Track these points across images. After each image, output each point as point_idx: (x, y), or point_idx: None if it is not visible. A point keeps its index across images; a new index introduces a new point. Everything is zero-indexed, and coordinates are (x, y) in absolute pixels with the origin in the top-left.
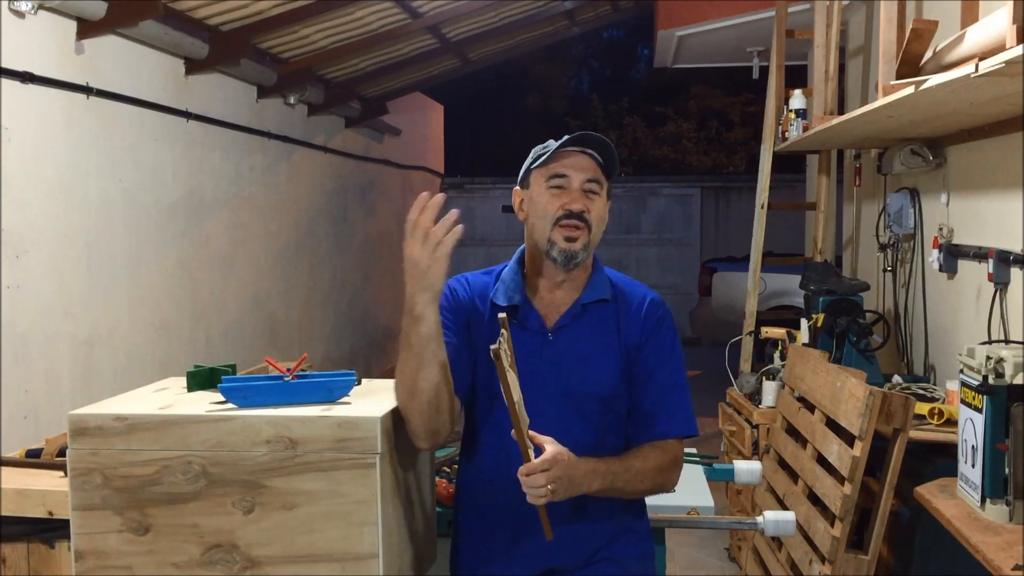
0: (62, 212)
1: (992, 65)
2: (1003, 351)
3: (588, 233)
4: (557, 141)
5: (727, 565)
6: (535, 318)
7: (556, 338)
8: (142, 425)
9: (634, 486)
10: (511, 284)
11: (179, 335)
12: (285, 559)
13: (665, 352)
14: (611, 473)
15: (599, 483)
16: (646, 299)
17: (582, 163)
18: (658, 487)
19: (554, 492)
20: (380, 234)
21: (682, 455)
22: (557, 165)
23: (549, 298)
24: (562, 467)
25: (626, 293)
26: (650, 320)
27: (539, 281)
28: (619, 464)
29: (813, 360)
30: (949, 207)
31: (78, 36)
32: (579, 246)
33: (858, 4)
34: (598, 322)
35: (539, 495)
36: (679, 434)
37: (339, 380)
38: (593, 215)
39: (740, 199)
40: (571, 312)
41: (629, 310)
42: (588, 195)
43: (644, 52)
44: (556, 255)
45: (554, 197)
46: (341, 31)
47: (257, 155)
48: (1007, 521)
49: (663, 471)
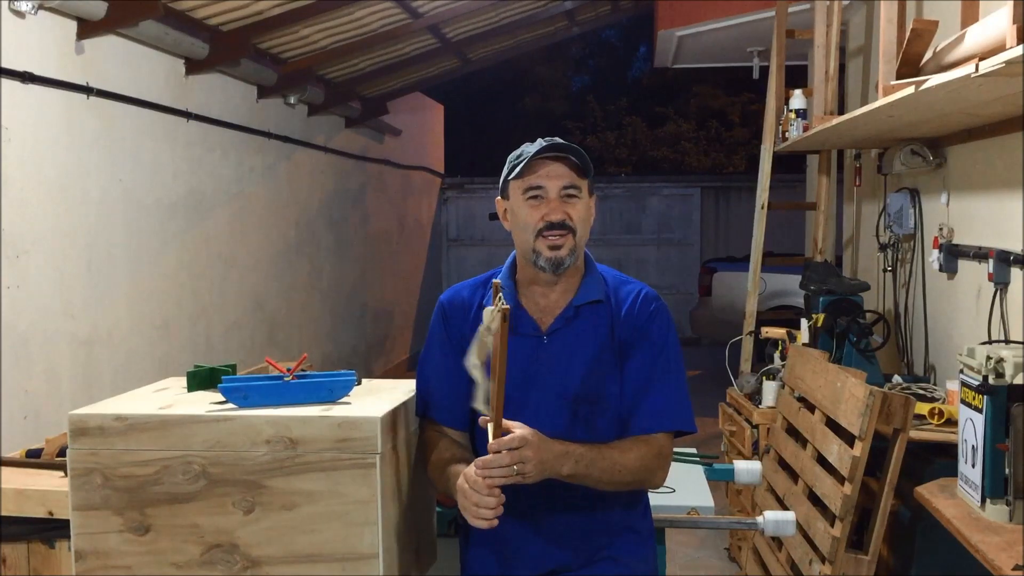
0: (62, 212)
1: (992, 65)
2: (1003, 351)
3: (573, 237)
4: (532, 144)
5: (727, 565)
6: (529, 322)
7: (551, 341)
8: (142, 425)
9: (612, 476)
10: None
11: (179, 335)
12: (285, 559)
13: (655, 345)
14: (585, 458)
15: (571, 466)
16: (640, 295)
17: (557, 170)
18: (640, 481)
19: (523, 474)
20: (380, 234)
21: (669, 450)
22: (532, 177)
23: (543, 302)
24: (532, 448)
25: (620, 292)
26: (642, 314)
27: (532, 286)
28: (595, 452)
29: (813, 360)
30: (949, 207)
31: (78, 36)
32: (564, 252)
33: (858, 4)
34: (592, 323)
35: (503, 474)
36: (665, 428)
37: (339, 380)
38: (575, 219)
39: (740, 199)
40: (564, 315)
41: (622, 308)
42: (567, 200)
43: (644, 52)
44: (543, 264)
45: (533, 209)
46: (341, 31)
47: (257, 155)
48: (1007, 521)
49: (645, 465)
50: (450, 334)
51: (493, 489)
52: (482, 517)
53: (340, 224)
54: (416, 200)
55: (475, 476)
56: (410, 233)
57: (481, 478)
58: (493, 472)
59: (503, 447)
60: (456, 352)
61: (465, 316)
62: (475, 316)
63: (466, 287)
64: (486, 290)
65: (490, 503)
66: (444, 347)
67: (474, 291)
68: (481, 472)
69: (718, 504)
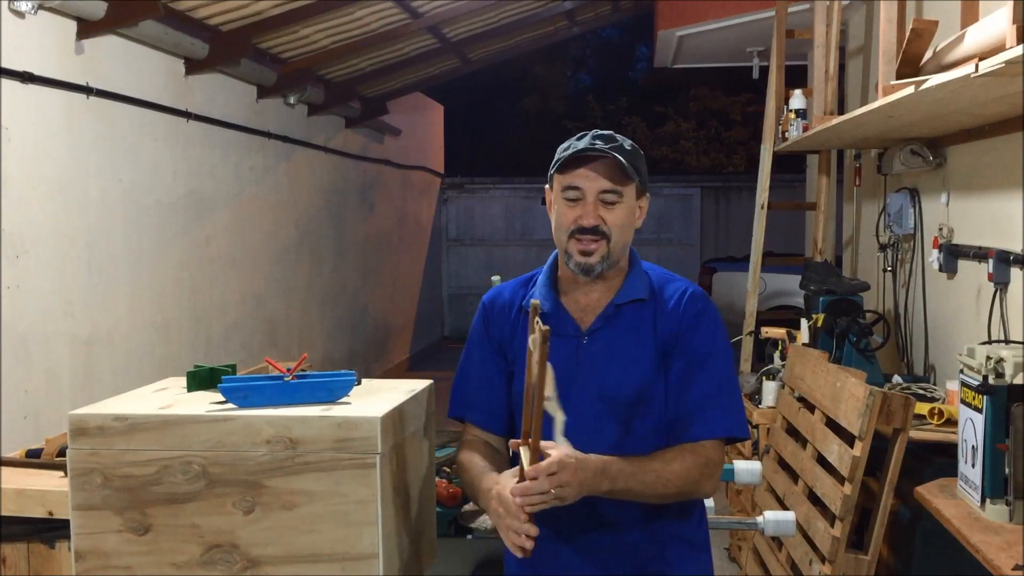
0: (62, 212)
1: (992, 65)
2: (1003, 351)
3: (607, 243)
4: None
5: (727, 565)
6: (569, 322)
7: (591, 341)
8: (142, 425)
9: (655, 489)
10: (543, 291)
11: (179, 335)
12: (285, 559)
13: (703, 348)
14: (625, 473)
15: (610, 483)
16: (686, 293)
17: (597, 172)
18: (687, 492)
19: (562, 498)
20: (380, 234)
21: (719, 458)
22: (571, 176)
23: (584, 300)
24: (570, 471)
25: (665, 290)
26: (688, 314)
27: (573, 284)
28: (636, 465)
29: (813, 360)
30: (949, 207)
31: (78, 36)
32: (595, 259)
33: (858, 4)
34: (634, 323)
35: (541, 500)
36: (713, 435)
37: (339, 380)
38: (612, 224)
39: (740, 199)
40: (605, 314)
41: (667, 307)
42: (605, 205)
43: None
44: (573, 267)
45: (569, 209)
46: (341, 31)
47: (257, 155)
48: (1007, 521)
49: (690, 476)
50: (491, 335)
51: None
52: (519, 544)
53: (340, 224)
54: (416, 200)
55: (511, 502)
56: (410, 233)
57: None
58: (532, 500)
59: (540, 473)
60: (496, 354)
61: (506, 317)
62: (516, 317)
63: (508, 287)
64: (527, 290)
65: (528, 531)
66: (484, 349)
67: (515, 291)
68: (519, 500)
69: (718, 504)
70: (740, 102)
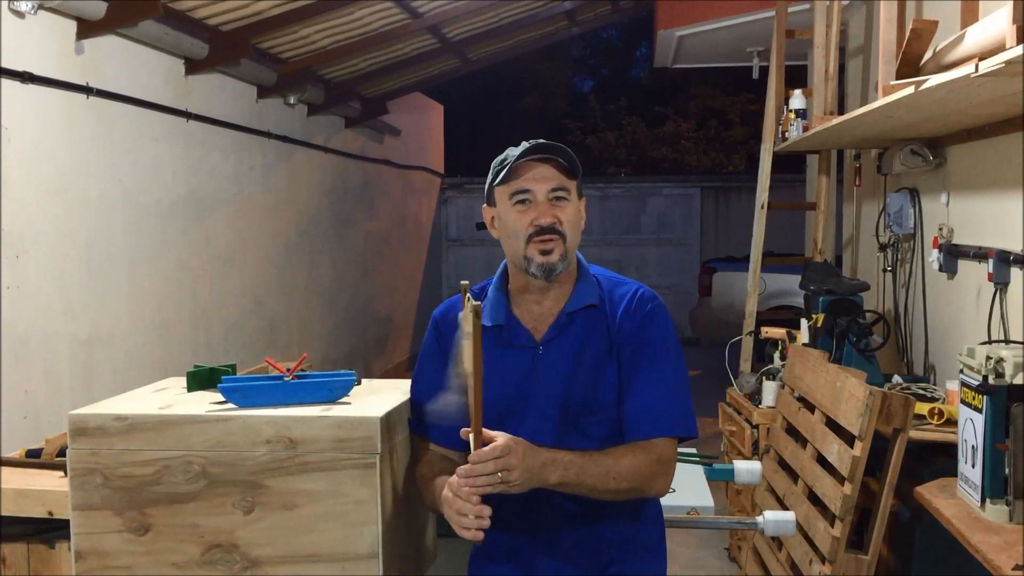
0: (62, 212)
1: (992, 65)
2: (1003, 351)
3: (564, 242)
4: (516, 148)
5: (727, 565)
6: (523, 333)
7: (546, 351)
8: (142, 425)
9: (606, 484)
10: (494, 303)
11: (179, 335)
12: (285, 559)
13: (653, 346)
14: (575, 465)
15: (560, 474)
16: (636, 294)
17: (543, 173)
18: (639, 489)
19: (508, 483)
20: (380, 234)
21: (671, 456)
22: (518, 181)
23: (537, 310)
24: (516, 455)
25: (615, 293)
26: (638, 314)
27: (524, 294)
28: (587, 459)
29: (813, 360)
30: (949, 207)
31: (78, 36)
32: (556, 258)
33: (858, 4)
34: (587, 329)
35: (486, 482)
36: (664, 433)
37: (339, 380)
38: (565, 223)
39: (740, 199)
40: (558, 323)
41: (617, 310)
42: (556, 203)
43: (643, 52)
44: (535, 271)
45: (521, 214)
46: (341, 31)
47: (257, 155)
48: (1007, 521)
49: (641, 471)
50: (443, 347)
51: (477, 498)
52: (465, 526)
53: (340, 224)
54: (416, 200)
55: (458, 484)
56: (410, 233)
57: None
58: (476, 481)
59: (484, 457)
60: (445, 360)
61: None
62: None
63: (460, 300)
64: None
65: (474, 511)
66: (437, 362)
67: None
68: (464, 480)
69: (718, 504)
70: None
